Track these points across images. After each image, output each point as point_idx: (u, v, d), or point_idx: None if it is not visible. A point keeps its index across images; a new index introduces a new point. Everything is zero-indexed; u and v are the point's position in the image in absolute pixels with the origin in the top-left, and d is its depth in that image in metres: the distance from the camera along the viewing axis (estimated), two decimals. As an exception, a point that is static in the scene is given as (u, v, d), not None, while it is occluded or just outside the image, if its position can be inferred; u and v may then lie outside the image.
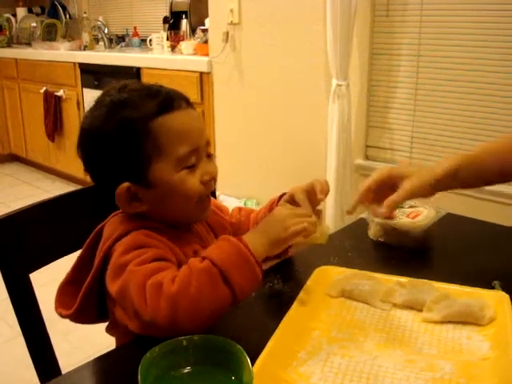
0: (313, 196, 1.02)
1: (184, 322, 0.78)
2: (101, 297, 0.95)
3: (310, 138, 2.87)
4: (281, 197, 1.09)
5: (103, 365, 0.81)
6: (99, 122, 0.93)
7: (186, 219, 0.99)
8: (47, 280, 1.24)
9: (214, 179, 0.98)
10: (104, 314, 0.98)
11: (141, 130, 0.90)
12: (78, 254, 1.03)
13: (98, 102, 0.96)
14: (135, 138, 0.90)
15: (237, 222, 1.14)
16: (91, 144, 0.95)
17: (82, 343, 2.28)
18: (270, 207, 1.10)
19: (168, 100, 0.93)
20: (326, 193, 1.02)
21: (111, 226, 0.96)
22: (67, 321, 0.99)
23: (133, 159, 0.91)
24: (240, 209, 1.18)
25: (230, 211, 1.17)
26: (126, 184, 0.92)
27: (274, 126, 3.03)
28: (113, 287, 0.87)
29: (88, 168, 0.97)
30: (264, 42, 2.98)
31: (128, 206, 0.94)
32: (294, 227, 0.88)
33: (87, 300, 0.95)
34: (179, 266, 0.88)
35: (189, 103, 0.96)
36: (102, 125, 0.92)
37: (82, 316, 0.98)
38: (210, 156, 0.98)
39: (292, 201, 1.04)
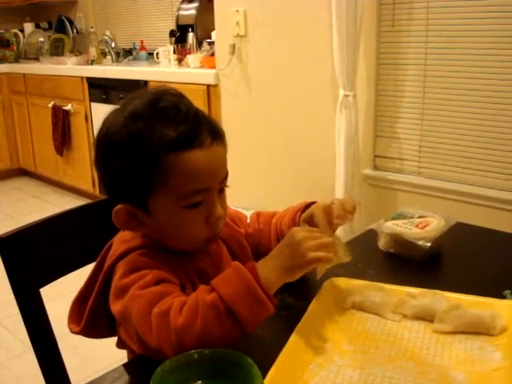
0: (331, 217, 0.94)
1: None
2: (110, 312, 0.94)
3: (318, 149, 2.87)
4: (307, 206, 1.02)
5: (114, 379, 0.81)
6: (115, 127, 0.87)
7: (187, 250, 0.94)
8: (58, 294, 1.24)
9: (221, 219, 0.92)
10: (115, 328, 0.98)
11: (151, 160, 0.84)
12: (87, 268, 1.03)
13: (126, 104, 0.90)
14: (143, 165, 0.85)
15: (255, 232, 1.08)
16: (101, 148, 0.90)
17: (92, 357, 2.27)
18: (294, 219, 1.03)
19: (191, 132, 0.86)
20: (350, 211, 0.94)
21: (116, 244, 0.95)
22: (78, 335, 0.99)
23: (136, 181, 0.87)
24: (258, 215, 1.12)
25: (248, 219, 1.11)
26: (122, 205, 0.89)
27: (282, 137, 3.03)
28: (114, 308, 0.87)
29: (98, 173, 0.93)
30: (270, 53, 2.99)
31: (126, 223, 0.91)
32: (312, 253, 0.80)
33: (94, 316, 0.95)
34: (181, 286, 0.87)
35: (215, 137, 0.89)
36: (116, 131, 0.87)
37: (91, 332, 0.99)
38: (222, 191, 0.94)
39: (311, 220, 0.98)
